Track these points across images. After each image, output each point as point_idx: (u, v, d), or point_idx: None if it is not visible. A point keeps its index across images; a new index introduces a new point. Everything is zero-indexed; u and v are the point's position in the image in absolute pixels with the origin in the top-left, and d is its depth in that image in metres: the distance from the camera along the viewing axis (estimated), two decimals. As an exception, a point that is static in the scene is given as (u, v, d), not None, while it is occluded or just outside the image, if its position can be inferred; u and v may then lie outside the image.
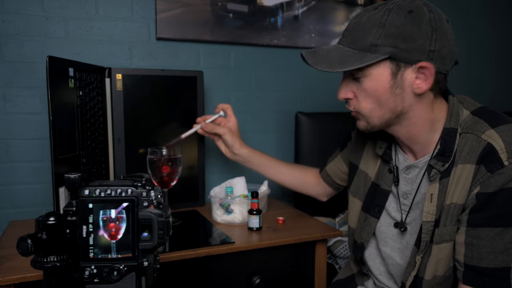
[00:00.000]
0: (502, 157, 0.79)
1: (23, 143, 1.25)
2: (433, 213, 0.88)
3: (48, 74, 0.91)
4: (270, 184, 1.29)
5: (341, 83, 0.91)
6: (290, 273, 1.11)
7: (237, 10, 1.45)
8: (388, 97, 0.86)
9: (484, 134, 0.83)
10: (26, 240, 0.57)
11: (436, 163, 0.88)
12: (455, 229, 0.86)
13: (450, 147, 0.86)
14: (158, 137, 1.27)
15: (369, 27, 0.83)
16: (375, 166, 1.03)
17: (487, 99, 2.00)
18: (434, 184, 0.88)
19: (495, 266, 0.80)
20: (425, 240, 0.89)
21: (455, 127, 0.87)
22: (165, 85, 1.26)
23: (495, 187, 0.80)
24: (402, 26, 0.81)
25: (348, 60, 0.84)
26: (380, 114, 0.88)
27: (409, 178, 0.95)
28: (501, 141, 0.81)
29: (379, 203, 1.01)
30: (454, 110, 0.89)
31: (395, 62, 0.83)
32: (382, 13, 0.82)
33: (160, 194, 0.61)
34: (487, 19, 1.96)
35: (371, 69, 0.84)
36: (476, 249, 0.82)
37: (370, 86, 0.86)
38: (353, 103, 0.91)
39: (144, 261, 0.59)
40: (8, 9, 1.20)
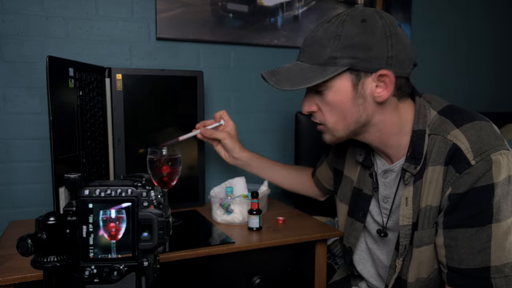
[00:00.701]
0: (469, 156, 0.79)
1: (23, 143, 1.25)
2: (410, 217, 0.88)
3: (48, 74, 0.91)
4: (270, 184, 1.29)
5: (305, 97, 0.92)
6: (290, 273, 1.11)
7: (237, 10, 1.45)
8: (351, 108, 0.86)
9: (450, 134, 0.83)
10: (26, 240, 0.57)
11: (409, 166, 0.88)
12: (433, 231, 0.86)
13: (420, 150, 0.86)
14: (158, 137, 1.27)
15: (325, 41, 0.83)
16: (356, 172, 1.04)
17: (487, 99, 2.00)
18: (409, 187, 0.88)
19: (474, 266, 0.79)
20: (404, 244, 0.89)
21: (423, 128, 0.87)
22: (165, 85, 1.26)
23: (465, 187, 0.80)
24: (357, 36, 0.81)
25: (309, 76, 0.84)
26: (345, 125, 0.89)
27: (387, 182, 0.96)
28: (466, 141, 0.81)
29: (363, 207, 1.02)
30: (421, 112, 0.89)
31: (355, 72, 0.83)
32: (336, 24, 0.83)
33: (160, 194, 0.61)
34: (487, 19, 1.96)
35: (333, 81, 0.85)
36: (455, 250, 0.81)
37: (332, 98, 0.86)
38: (318, 116, 0.91)
39: (144, 261, 0.59)
40: (8, 9, 1.20)
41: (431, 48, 1.84)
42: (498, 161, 0.78)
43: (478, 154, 0.79)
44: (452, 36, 1.88)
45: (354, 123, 0.88)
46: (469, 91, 1.94)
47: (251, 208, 1.11)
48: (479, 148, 0.79)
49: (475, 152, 0.79)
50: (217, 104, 1.47)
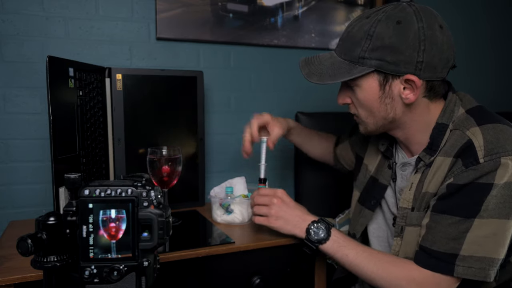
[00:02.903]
0: (479, 154, 0.81)
1: (23, 143, 1.25)
2: (410, 201, 0.92)
3: (48, 74, 0.91)
4: (271, 185, 1.28)
5: (340, 89, 0.95)
6: (290, 273, 1.11)
7: (237, 10, 1.44)
8: (379, 106, 0.88)
9: (469, 130, 0.85)
10: (26, 240, 0.57)
11: (424, 156, 0.90)
12: (423, 214, 0.89)
13: (438, 141, 0.89)
14: (158, 137, 1.27)
15: (358, 39, 0.84)
16: (375, 161, 1.06)
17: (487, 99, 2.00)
18: (417, 174, 0.91)
19: (444, 250, 0.82)
20: (400, 225, 0.93)
21: (446, 122, 0.89)
22: (165, 85, 1.26)
23: (466, 180, 0.81)
24: (389, 38, 0.81)
25: (338, 72, 0.87)
26: (374, 121, 0.91)
27: (404, 174, 0.98)
28: (482, 139, 0.82)
29: (376, 196, 1.03)
30: (449, 107, 0.91)
31: (382, 74, 0.84)
32: (371, 24, 0.83)
33: (160, 194, 0.61)
34: (487, 19, 1.96)
35: (361, 80, 0.87)
36: (433, 232, 0.85)
37: (361, 96, 0.89)
38: (352, 108, 0.95)
39: (144, 261, 0.59)
40: (8, 9, 1.20)
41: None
42: (506, 165, 0.79)
43: (488, 154, 0.80)
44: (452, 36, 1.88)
45: (382, 120, 0.90)
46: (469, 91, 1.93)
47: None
48: (492, 149, 0.80)
49: (487, 151, 0.80)
50: (217, 104, 1.47)
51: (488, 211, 0.80)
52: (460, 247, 0.81)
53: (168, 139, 1.27)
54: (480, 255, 0.81)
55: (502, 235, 0.81)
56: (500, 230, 0.81)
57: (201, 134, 1.33)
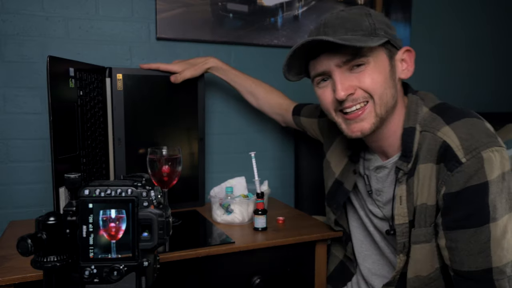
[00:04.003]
0: (459, 154, 0.78)
1: (23, 143, 1.25)
2: (405, 215, 0.88)
3: (48, 74, 0.91)
4: (270, 184, 1.29)
5: (336, 82, 0.85)
6: (290, 273, 1.11)
7: (237, 10, 1.44)
8: (390, 82, 0.86)
9: (440, 131, 0.82)
10: (26, 240, 0.57)
11: (402, 164, 0.88)
12: (430, 230, 0.85)
13: (410, 147, 0.86)
14: (158, 137, 1.27)
15: (358, 16, 0.84)
16: (341, 164, 1.05)
17: (487, 99, 2.00)
18: (402, 186, 0.88)
19: (476, 268, 0.78)
20: (402, 242, 0.89)
21: (413, 125, 0.87)
22: (165, 85, 1.26)
23: (457, 187, 0.78)
24: (381, 17, 0.86)
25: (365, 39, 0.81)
26: (386, 99, 0.85)
27: (379, 177, 0.96)
28: (456, 138, 0.79)
29: (339, 201, 1.05)
30: (412, 108, 0.89)
31: (389, 47, 0.86)
32: (356, 8, 0.86)
33: (160, 194, 0.61)
34: (487, 19, 1.96)
35: (373, 53, 0.83)
36: (456, 252, 0.80)
37: (374, 71, 0.83)
38: (359, 94, 0.84)
39: (144, 261, 0.59)
40: (8, 9, 1.20)
41: (431, 48, 1.84)
42: (490, 158, 0.76)
43: (468, 152, 0.77)
44: (452, 36, 1.88)
45: (391, 99, 0.86)
46: (469, 91, 1.94)
47: (257, 208, 1.11)
48: (469, 146, 0.78)
49: (466, 149, 0.78)
50: (217, 104, 1.47)
51: (498, 211, 0.77)
52: (489, 259, 0.77)
53: (168, 139, 1.27)
54: (510, 259, 0.77)
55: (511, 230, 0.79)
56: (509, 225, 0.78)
57: (201, 134, 1.33)
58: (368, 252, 1.07)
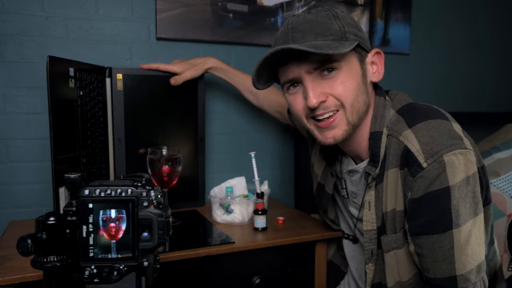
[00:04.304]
0: (420, 159, 0.76)
1: (23, 143, 1.25)
2: (373, 221, 0.86)
3: (48, 74, 0.91)
4: (270, 184, 1.29)
5: (307, 89, 0.81)
6: (290, 273, 1.11)
7: (237, 10, 1.44)
8: (362, 88, 0.83)
9: (402, 135, 0.80)
10: (26, 240, 0.57)
11: (370, 169, 0.86)
12: (400, 235, 0.83)
13: (376, 152, 0.84)
14: (158, 137, 1.27)
15: (327, 20, 0.80)
16: (321, 167, 1.06)
17: (487, 99, 2.00)
18: (371, 192, 0.87)
19: (441, 276, 0.76)
20: (370, 249, 0.87)
21: (379, 130, 0.84)
22: (165, 85, 1.26)
23: (420, 192, 0.76)
24: (350, 19, 0.83)
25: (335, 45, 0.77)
26: (358, 106, 0.83)
27: (353, 180, 0.96)
28: (416, 142, 0.77)
29: (324, 205, 1.06)
30: (379, 112, 0.86)
31: (359, 50, 0.83)
32: (323, 11, 0.82)
33: (160, 194, 0.61)
34: (486, 19, 1.96)
35: (345, 60, 0.80)
36: (423, 259, 0.79)
37: (346, 77, 0.80)
38: (330, 102, 0.82)
39: (144, 261, 0.59)
40: (8, 9, 1.20)
41: (431, 48, 1.84)
42: (452, 162, 0.74)
43: (429, 156, 0.75)
44: (452, 36, 1.88)
45: (363, 105, 0.83)
46: (469, 91, 1.94)
47: (257, 208, 1.11)
48: (430, 150, 0.75)
49: (426, 154, 0.75)
50: (217, 104, 1.47)
51: (461, 216, 0.74)
52: (453, 266, 0.75)
53: (168, 139, 1.27)
54: (475, 265, 0.75)
55: (479, 234, 0.76)
56: (475, 229, 0.76)
57: (201, 134, 1.33)
58: (354, 252, 1.07)
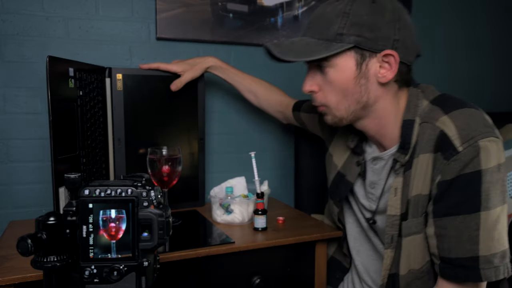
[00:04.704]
0: (456, 143, 0.78)
1: (23, 143, 1.25)
2: (398, 207, 0.88)
3: (48, 74, 0.91)
4: (270, 184, 1.29)
5: (307, 75, 0.91)
6: (290, 273, 1.11)
7: (237, 10, 1.44)
8: (353, 88, 0.85)
9: (438, 121, 0.83)
10: (26, 240, 0.57)
11: (399, 156, 0.88)
12: (421, 220, 0.85)
13: (408, 139, 0.86)
14: (158, 137, 1.27)
15: (333, 17, 0.82)
16: (343, 156, 1.05)
17: (487, 99, 2.00)
18: (398, 178, 0.88)
19: (463, 255, 0.78)
20: (391, 234, 0.89)
21: (412, 118, 0.87)
22: (165, 85, 1.26)
23: (452, 174, 0.79)
24: (366, 16, 0.81)
25: (314, 50, 0.83)
26: (346, 105, 0.88)
27: (376, 168, 0.96)
28: (453, 127, 0.80)
29: (341, 194, 1.05)
30: (412, 101, 0.88)
31: (360, 51, 0.83)
32: (345, 3, 0.83)
33: (160, 194, 0.61)
34: (487, 19, 1.96)
35: (337, 59, 0.84)
36: (445, 239, 0.81)
37: (335, 77, 0.85)
38: (319, 96, 0.90)
39: (144, 261, 0.59)
40: (8, 9, 1.20)
41: (431, 48, 1.84)
42: (487, 148, 0.77)
43: (465, 141, 0.78)
44: (452, 36, 1.88)
45: (355, 103, 0.87)
46: (469, 91, 1.94)
47: (257, 208, 1.11)
48: (466, 135, 0.78)
49: (462, 138, 0.78)
50: (217, 104, 1.47)
51: (491, 200, 0.77)
52: (477, 247, 0.77)
53: (168, 139, 1.27)
54: (500, 250, 0.77)
55: (505, 223, 0.79)
56: (503, 216, 0.78)
57: (201, 134, 1.33)
58: (361, 247, 1.08)
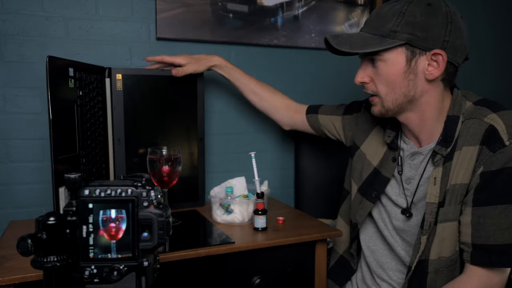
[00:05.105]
0: (504, 137, 0.85)
1: (23, 143, 1.25)
2: (437, 195, 0.92)
3: (48, 74, 0.91)
4: (270, 184, 1.29)
5: (360, 68, 0.98)
6: (290, 273, 1.11)
7: (237, 10, 1.44)
8: (401, 82, 0.91)
9: (487, 117, 0.89)
10: (26, 240, 0.57)
11: (440, 149, 0.92)
12: (458, 208, 0.90)
13: (452, 133, 0.92)
14: (158, 137, 1.27)
15: (389, 16, 0.89)
16: (380, 153, 1.08)
17: (487, 99, 2.00)
18: (438, 168, 0.93)
19: (502, 242, 0.83)
20: (429, 221, 0.93)
21: (457, 114, 0.93)
22: (165, 85, 1.26)
23: (498, 166, 0.84)
24: (421, 16, 0.87)
25: (368, 43, 0.91)
26: (394, 98, 0.94)
27: (413, 164, 1.00)
28: (502, 123, 0.87)
29: (378, 189, 1.06)
30: (458, 100, 0.95)
31: (411, 49, 0.89)
32: (402, 4, 0.89)
33: (160, 194, 0.61)
34: (487, 19, 1.96)
35: (388, 54, 0.91)
36: (483, 227, 0.85)
37: (386, 70, 0.92)
38: (370, 86, 0.97)
39: (144, 261, 0.59)
40: (8, 9, 1.20)
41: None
42: None
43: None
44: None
45: (402, 97, 0.93)
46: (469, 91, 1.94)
47: (257, 208, 1.11)
48: None
49: (510, 134, 0.85)
50: (217, 104, 1.47)
51: None
52: None
53: (168, 139, 1.27)
54: None
55: None
56: None
57: (201, 134, 1.33)
58: (376, 247, 1.10)
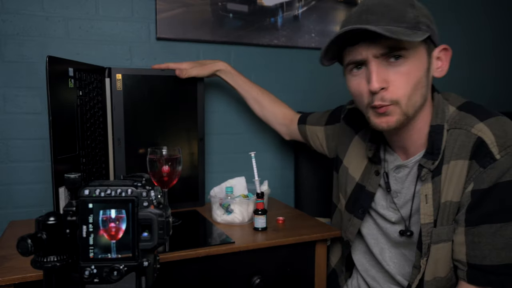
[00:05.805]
0: (493, 150, 0.78)
1: (23, 143, 1.25)
2: (431, 214, 0.86)
3: (48, 74, 0.91)
4: (270, 184, 1.29)
5: (371, 72, 0.81)
6: (290, 273, 1.11)
7: (237, 10, 1.44)
8: (424, 81, 0.84)
9: (474, 128, 0.82)
10: (26, 240, 0.57)
11: (426, 162, 0.86)
12: (451, 228, 0.84)
13: (438, 145, 0.85)
14: (158, 137, 1.27)
15: (403, 6, 0.79)
16: (361, 167, 1.02)
17: (487, 100, 2.00)
18: (427, 184, 0.86)
19: (498, 263, 0.78)
20: (427, 243, 0.86)
21: (441, 123, 0.86)
22: (165, 85, 1.26)
23: (489, 182, 0.78)
24: (426, 10, 0.82)
25: (409, 33, 0.77)
26: (415, 100, 0.83)
27: (398, 177, 0.94)
28: (491, 134, 0.79)
29: (364, 204, 1.01)
30: (440, 107, 0.88)
31: (428, 43, 0.83)
32: None
33: (160, 194, 0.61)
34: (487, 19, 1.96)
35: (415, 47, 0.80)
36: (478, 247, 0.80)
37: (411, 68, 0.81)
38: (389, 93, 0.82)
39: (144, 261, 0.59)
40: (8, 9, 1.20)
41: (431, 48, 1.84)
42: None
43: (503, 148, 0.78)
44: (452, 36, 1.88)
45: (421, 99, 0.84)
46: (469, 92, 1.94)
47: (257, 208, 1.11)
48: (504, 143, 0.78)
49: (500, 146, 0.78)
50: (217, 104, 1.47)
51: None
52: None
53: (168, 139, 1.27)
54: None
55: None
56: None
57: (201, 134, 1.33)
58: (368, 264, 1.07)
